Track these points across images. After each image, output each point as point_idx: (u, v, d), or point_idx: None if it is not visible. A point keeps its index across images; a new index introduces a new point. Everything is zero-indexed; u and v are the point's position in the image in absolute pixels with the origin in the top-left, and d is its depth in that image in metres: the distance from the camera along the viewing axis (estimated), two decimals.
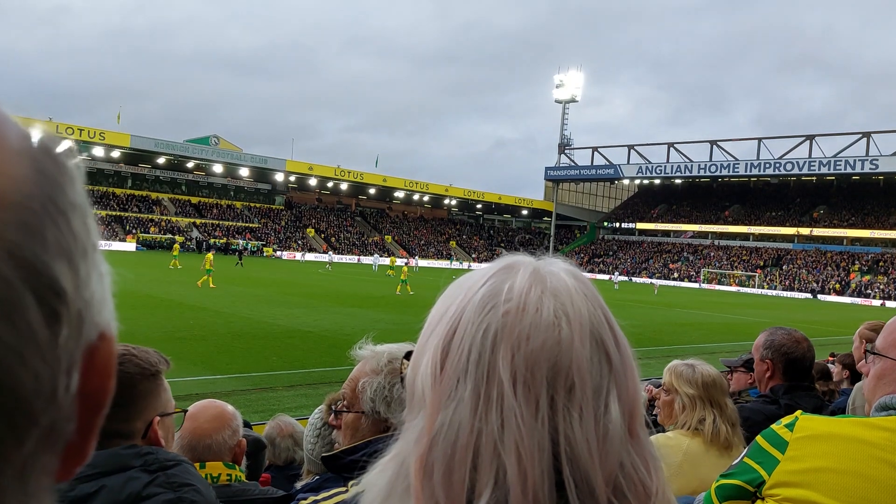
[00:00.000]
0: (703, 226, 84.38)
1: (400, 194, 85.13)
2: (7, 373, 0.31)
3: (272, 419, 3.79)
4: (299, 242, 72.34)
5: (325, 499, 1.63)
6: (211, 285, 28.01)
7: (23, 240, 0.32)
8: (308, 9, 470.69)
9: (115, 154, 65.69)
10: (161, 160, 69.77)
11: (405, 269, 35.68)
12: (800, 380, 3.01)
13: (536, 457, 0.58)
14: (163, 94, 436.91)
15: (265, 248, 67.24)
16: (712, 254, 79.00)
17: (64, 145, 0.37)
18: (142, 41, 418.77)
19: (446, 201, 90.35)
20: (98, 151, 63.91)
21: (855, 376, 4.19)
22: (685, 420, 2.51)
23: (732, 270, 72.90)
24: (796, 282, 67.59)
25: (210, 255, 30.37)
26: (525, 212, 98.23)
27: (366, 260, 64.64)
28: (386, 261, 55.51)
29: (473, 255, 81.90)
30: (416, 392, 0.65)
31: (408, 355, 0.75)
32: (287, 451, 3.46)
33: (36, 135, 0.36)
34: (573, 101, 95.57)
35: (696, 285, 68.92)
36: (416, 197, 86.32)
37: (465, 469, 0.58)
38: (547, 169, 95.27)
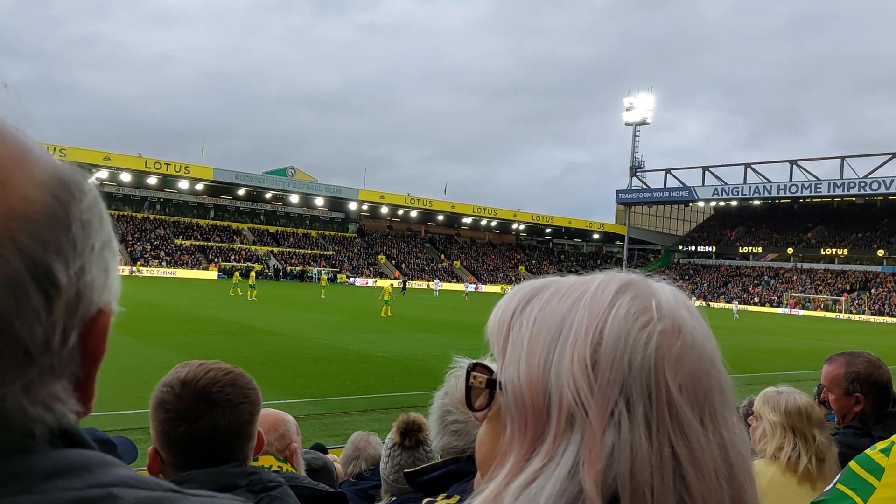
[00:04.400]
0: (784, 248, 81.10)
1: (468, 220, 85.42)
2: (10, 325, 0.48)
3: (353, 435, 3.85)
4: (371, 269, 73.53)
5: None
6: (389, 314, 30.18)
7: (31, 243, 0.49)
8: (388, 48, 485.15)
9: (199, 186, 68.82)
10: (241, 192, 72.61)
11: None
12: (886, 406, 2.87)
13: (713, 473, 0.58)
14: (246, 131, 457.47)
15: (339, 275, 68.66)
16: (794, 277, 75.69)
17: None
18: (233, 83, 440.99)
19: (514, 226, 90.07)
20: (183, 184, 67.75)
21: None
22: (764, 447, 2.45)
23: (817, 294, 69.58)
24: (886, 306, 63.90)
25: (388, 287, 32.75)
26: (596, 235, 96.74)
27: (431, 286, 65.03)
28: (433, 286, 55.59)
29: None
30: (558, 404, 0.60)
31: (475, 367, 0.71)
32: (357, 465, 3.53)
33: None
34: (644, 123, 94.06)
35: (781, 310, 66.00)
36: (483, 222, 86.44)
37: (649, 489, 0.57)
38: (618, 192, 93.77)
